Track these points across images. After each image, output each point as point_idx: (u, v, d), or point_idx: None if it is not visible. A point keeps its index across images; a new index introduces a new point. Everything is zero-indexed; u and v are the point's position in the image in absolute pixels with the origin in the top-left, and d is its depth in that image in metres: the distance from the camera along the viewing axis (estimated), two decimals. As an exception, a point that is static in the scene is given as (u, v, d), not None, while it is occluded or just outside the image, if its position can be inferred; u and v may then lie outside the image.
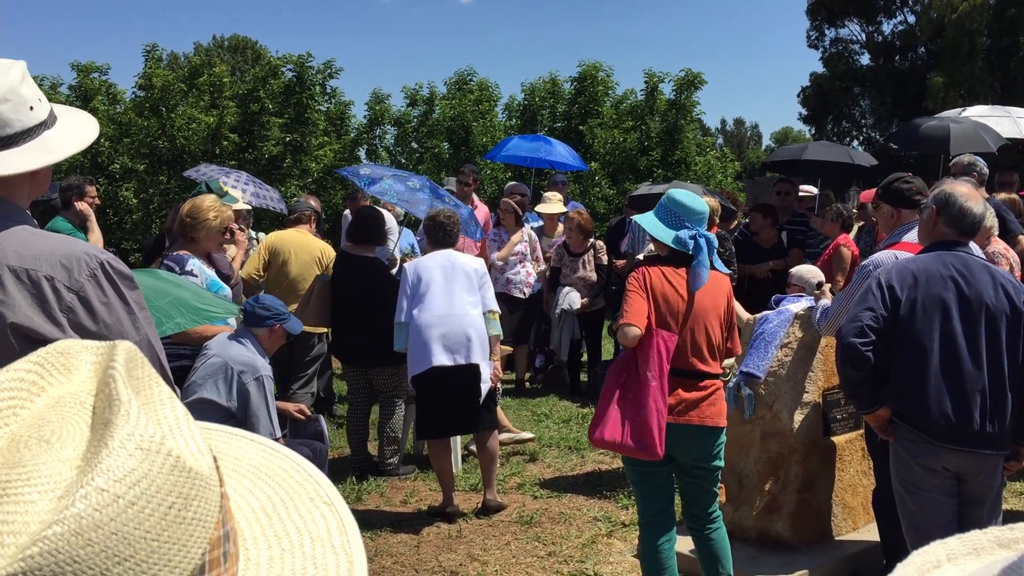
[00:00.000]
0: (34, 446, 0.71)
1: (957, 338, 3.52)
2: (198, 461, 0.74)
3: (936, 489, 3.61)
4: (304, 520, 0.89)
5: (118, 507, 0.67)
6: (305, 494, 0.91)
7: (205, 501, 0.73)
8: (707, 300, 3.93)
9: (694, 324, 3.91)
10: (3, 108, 1.89)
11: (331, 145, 15.57)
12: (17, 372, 0.78)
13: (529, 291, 8.73)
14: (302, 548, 0.86)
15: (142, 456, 0.70)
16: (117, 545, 0.67)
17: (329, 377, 8.21)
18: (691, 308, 3.91)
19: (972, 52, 28.95)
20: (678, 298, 3.90)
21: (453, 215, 5.95)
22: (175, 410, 0.77)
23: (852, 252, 7.12)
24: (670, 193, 4.05)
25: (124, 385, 0.74)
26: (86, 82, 15.32)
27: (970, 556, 0.74)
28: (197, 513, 0.72)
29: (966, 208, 3.66)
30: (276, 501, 0.90)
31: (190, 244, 5.07)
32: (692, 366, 3.91)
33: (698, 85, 16.13)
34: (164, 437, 0.72)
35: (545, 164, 11.69)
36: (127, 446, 0.70)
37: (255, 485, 0.92)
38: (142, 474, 0.69)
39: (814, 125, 37.89)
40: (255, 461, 0.95)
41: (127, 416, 0.71)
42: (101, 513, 0.67)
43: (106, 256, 2.01)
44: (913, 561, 0.75)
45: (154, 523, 0.69)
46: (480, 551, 5.06)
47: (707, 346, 3.93)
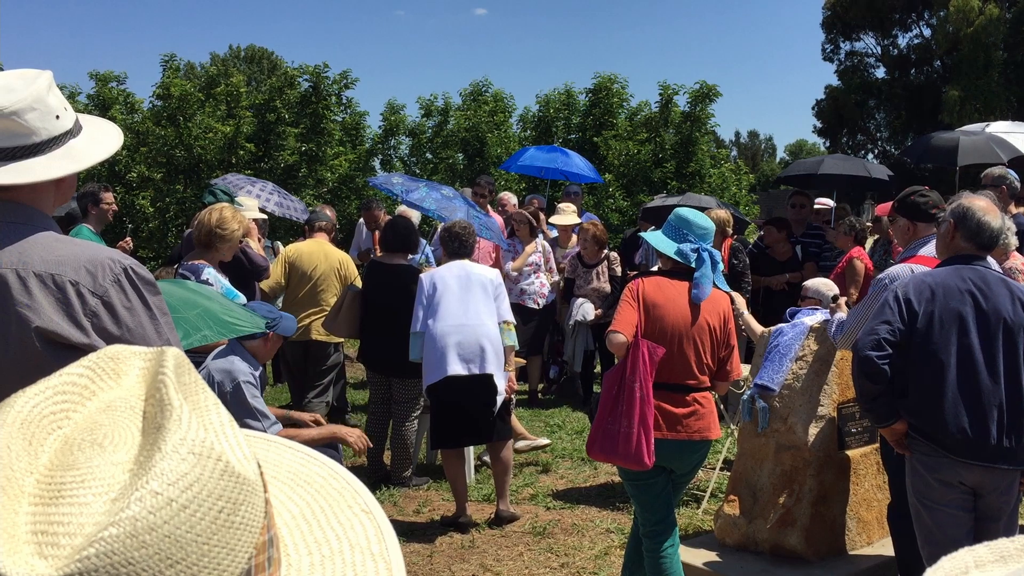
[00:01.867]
0: (87, 449, 0.72)
1: (974, 352, 3.51)
2: (245, 467, 0.75)
3: (952, 504, 3.59)
4: (343, 527, 0.90)
5: (171, 510, 0.68)
6: (343, 501, 0.92)
7: (252, 506, 0.74)
8: (700, 316, 3.95)
9: (685, 339, 3.93)
10: (30, 117, 1.92)
11: (346, 155, 15.62)
12: (69, 376, 0.79)
13: (543, 302, 8.73)
14: (342, 555, 0.87)
15: (194, 460, 0.71)
16: (170, 548, 0.68)
17: (343, 386, 8.23)
18: (684, 323, 3.93)
19: (988, 66, 28.86)
20: (671, 310, 3.93)
21: (469, 226, 5.98)
22: (220, 416, 0.78)
23: (865, 265, 7.11)
24: (676, 211, 4.13)
25: (175, 390, 0.76)
26: (104, 91, 15.43)
27: (998, 563, 0.75)
28: (245, 518, 0.73)
29: (984, 223, 3.65)
30: (315, 508, 0.91)
31: (208, 252, 5.09)
32: (680, 380, 3.94)
33: (713, 97, 16.11)
34: (214, 442, 0.73)
35: (560, 175, 11.70)
36: (180, 450, 0.71)
37: (294, 491, 0.93)
38: (194, 478, 0.70)
39: (829, 138, 37.80)
40: (293, 468, 0.96)
41: (179, 421, 0.73)
42: (155, 516, 0.68)
43: (129, 262, 2.03)
44: (942, 567, 0.75)
45: (205, 527, 0.70)
46: (493, 561, 5.06)
47: (696, 361, 3.95)
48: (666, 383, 3.92)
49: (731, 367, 4.08)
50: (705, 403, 4.00)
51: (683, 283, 3.99)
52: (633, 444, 3.84)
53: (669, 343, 3.91)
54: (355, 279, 7.29)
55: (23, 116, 1.92)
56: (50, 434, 0.75)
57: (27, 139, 1.94)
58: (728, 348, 4.04)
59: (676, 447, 3.94)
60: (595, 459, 4.14)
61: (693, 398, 3.96)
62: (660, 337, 3.91)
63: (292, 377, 7.57)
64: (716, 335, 3.99)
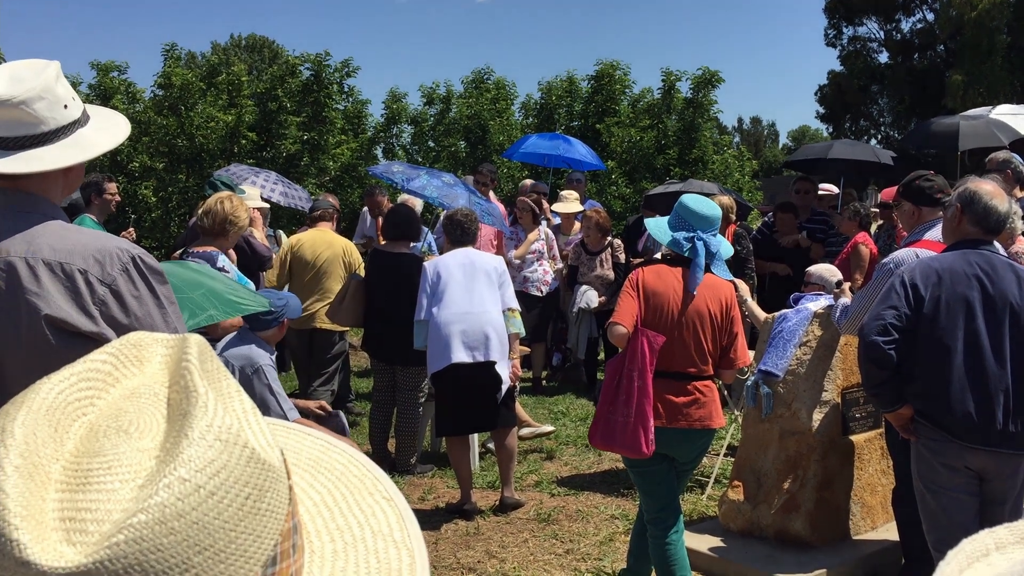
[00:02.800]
0: (113, 436, 0.72)
1: (981, 337, 3.51)
2: (269, 453, 0.75)
3: (958, 488, 3.59)
4: (365, 514, 0.90)
5: (199, 497, 0.68)
6: (364, 489, 0.92)
7: (277, 493, 0.74)
8: (700, 303, 3.92)
9: (684, 326, 3.90)
10: (38, 106, 1.93)
11: (348, 144, 15.58)
12: (93, 363, 0.79)
13: (546, 289, 8.74)
14: (364, 542, 0.87)
15: (221, 447, 0.71)
16: (198, 534, 0.68)
17: (347, 375, 8.24)
18: (683, 310, 3.90)
19: (992, 50, 28.73)
20: (670, 299, 3.91)
21: (471, 213, 5.97)
22: (243, 403, 0.78)
23: (870, 250, 7.10)
24: (681, 198, 4.10)
25: (200, 377, 0.76)
26: (106, 81, 15.38)
27: (1018, 545, 0.75)
28: (271, 504, 0.73)
29: (991, 207, 3.64)
30: (336, 495, 0.91)
31: (217, 240, 5.13)
32: (681, 368, 3.91)
33: (715, 83, 16.06)
34: (240, 429, 0.73)
35: (563, 163, 11.68)
36: (207, 437, 0.71)
37: (315, 479, 0.93)
38: (221, 465, 0.70)
39: (832, 124, 37.70)
40: (314, 455, 0.96)
41: (205, 408, 0.73)
42: (183, 502, 0.68)
43: (138, 251, 2.04)
44: (964, 549, 0.76)
45: (232, 513, 0.70)
46: (498, 548, 5.08)
47: (696, 349, 3.91)
48: (666, 371, 3.89)
49: (735, 355, 4.02)
50: (707, 392, 3.96)
51: (682, 270, 3.98)
52: (629, 434, 3.85)
53: (668, 331, 3.88)
54: (359, 266, 7.28)
55: (32, 106, 1.93)
56: (75, 421, 0.75)
57: (36, 128, 1.95)
58: (730, 336, 3.98)
59: (677, 436, 3.92)
60: (597, 447, 4.16)
61: (694, 387, 3.93)
62: (659, 325, 3.88)
63: (297, 365, 7.59)
64: (717, 321, 3.94)
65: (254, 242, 6.47)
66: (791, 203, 8.43)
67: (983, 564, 0.76)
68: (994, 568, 0.75)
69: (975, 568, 0.76)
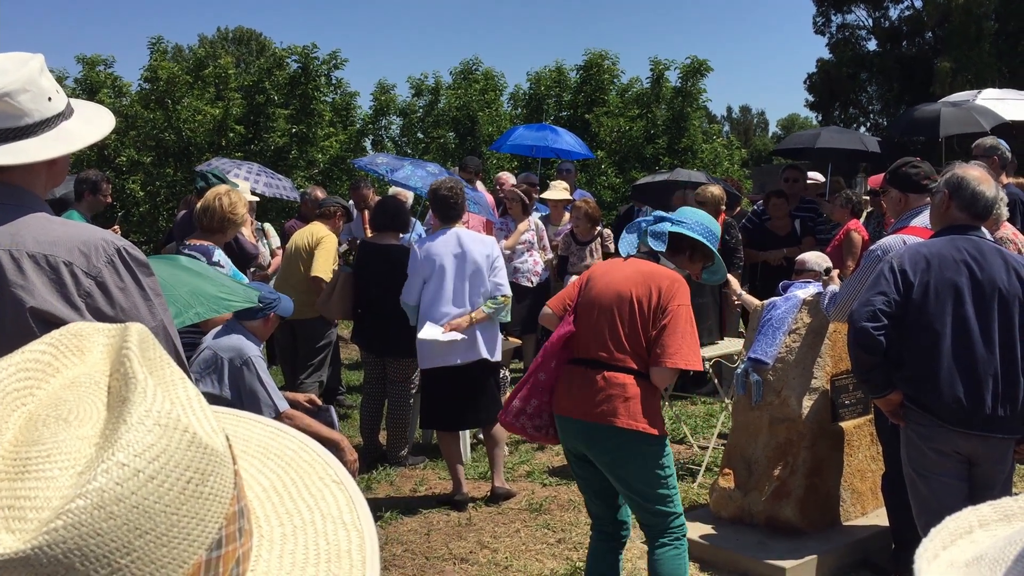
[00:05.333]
0: (52, 425, 0.72)
1: (970, 322, 3.52)
2: (213, 439, 0.75)
3: (947, 473, 3.61)
4: (315, 498, 0.90)
5: (138, 481, 0.68)
6: (314, 473, 0.93)
7: (221, 477, 0.74)
8: (622, 286, 3.59)
9: (600, 310, 3.60)
10: (22, 98, 1.92)
11: (337, 136, 15.53)
12: (32, 354, 0.79)
13: (537, 280, 8.73)
14: (314, 525, 0.88)
15: (160, 432, 0.71)
16: (138, 518, 0.68)
17: (337, 367, 8.23)
18: (604, 294, 3.61)
19: (979, 37, 28.75)
20: (600, 283, 3.67)
21: (455, 185, 5.85)
22: (187, 390, 0.78)
23: (862, 237, 7.11)
24: (680, 211, 3.88)
25: (139, 364, 0.75)
26: (92, 75, 15.31)
27: (1001, 522, 0.75)
28: (214, 488, 0.73)
29: (979, 192, 3.65)
30: (286, 480, 0.92)
31: (214, 235, 5.13)
32: (591, 355, 3.60)
33: (704, 72, 16.07)
34: (180, 414, 0.73)
35: (551, 153, 11.67)
36: (145, 422, 0.71)
37: (264, 465, 0.93)
38: (161, 449, 0.70)
39: (821, 112, 37.71)
40: (263, 442, 0.96)
41: (144, 393, 0.73)
42: (122, 487, 0.68)
43: (123, 243, 2.03)
44: (947, 526, 0.76)
45: (173, 497, 0.70)
46: (490, 538, 5.08)
47: (610, 335, 3.55)
48: (578, 358, 3.64)
49: (662, 351, 3.48)
50: (614, 384, 3.51)
51: (640, 260, 3.73)
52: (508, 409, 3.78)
53: (588, 315, 3.63)
54: (319, 246, 7.13)
55: (15, 98, 1.92)
56: (14, 411, 0.75)
57: (19, 121, 1.94)
58: (659, 328, 3.50)
59: (578, 428, 3.60)
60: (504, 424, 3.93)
61: (603, 376, 3.52)
62: (585, 309, 3.65)
63: (284, 359, 7.57)
64: (640, 308, 3.52)
65: (242, 239, 6.44)
66: (783, 190, 8.44)
67: (966, 541, 0.76)
68: (977, 545, 0.75)
69: (958, 545, 0.76)
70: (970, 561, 0.72)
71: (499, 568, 4.69)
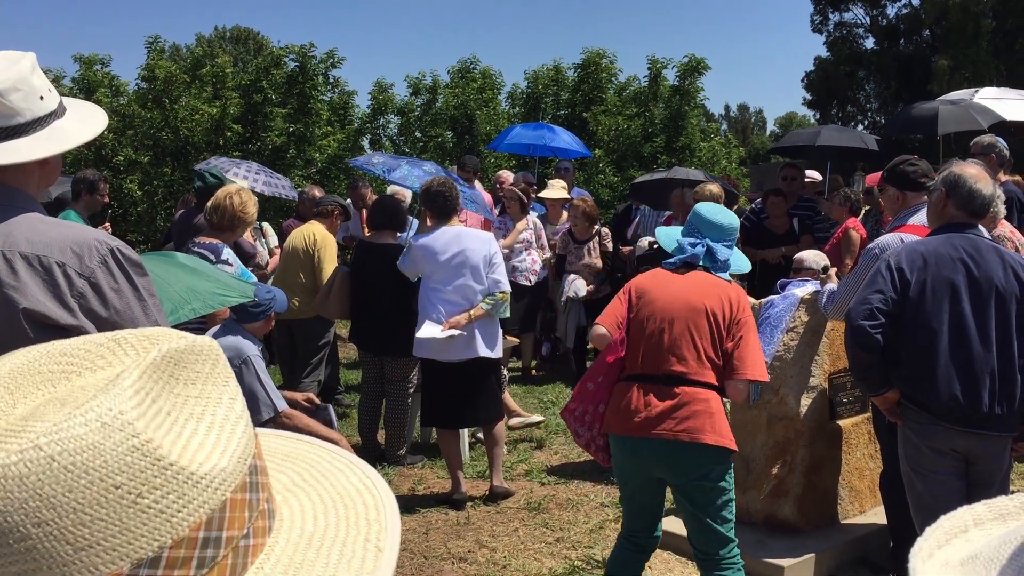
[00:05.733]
0: (51, 408, 0.72)
1: (966, 320, 3.52)
2: (192, 458, 0.73)
3: (945, 471, 3.61)
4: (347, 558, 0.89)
5: (48, 468, 0.67)
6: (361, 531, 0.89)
7: (178, 497, 0.71)
8: (695, 298, 3.48)
9: (673, 321, 3.44)
10: (14, 97, 1.91)
11: (335, 135, 15.51)
12: (87, 343, 0.80)
13: (535, 279, 8.73)
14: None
15: (97, 427, 0.69)
16: (38, 506, 0.66)
17: (336, 366, 8.22)
18: (672, 305, 3.48)
19: (977, 35, 28.74)
20: (660, 295, 3.53)
21: (447, 181, 5.84)
22: (215, 415, 0.77)
23: (861, 235, 7.12)
24: (696, 207, 3.81)
25: (140, 370, 0.74)
26: (89, 74, 15.28)
27: (996, 521, 0.75)
28: (161, 505, 0.70)
29: (976, 190, 3.65)
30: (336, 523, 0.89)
31: (222, 233, 5.21)
32: (664, 369, 3.41)
33: (702, 71, 16.05)
34: (136, 419, 0.71)
35: (549, 152, 11.67)
36: (87, 415, 0.69)
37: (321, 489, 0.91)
38: (89, 444, 0.68)
39: (819, 110, 37.72)
40: (347, 496, 0.92)
41: (108, 392, 0.71)
42: (27, 468, 0.66)
43: (116, 243, 2.02)
44: (942, 525, 0.76)
45: (90, 496, 0.68)
46: (488, 537, 5.08)
47: (687, 348, 3.40)
48: (647, 374, 3.43)
49: (741, 363, 3.40)
50: (698, 399, 3.36)
51: (684, 273, 3.61)
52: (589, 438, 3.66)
53: (654, 328, 3.46)
54: (323, 247, 7.13)
55: (7, 97, 1.91)
56: (40, 389, 0.75)
57: (11, 120, 1.92)
58: (735, 340, 3.43)
59: (657, 448, 3.37)
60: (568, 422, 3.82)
61: (682, 391, 3.36)
62: (646, 323, 3.48)
63: (282, 358, 7.56)
64: (717, 320, 3.43)
65: (240, 239, 6.43)
66: (781, 188, 8.44)
67: (961, 540, 0.76)
68: (972, 544, 0.75)
69: (953, 544, 0.76)
70: (965, 560, 0.72)
71: (497, 567, 4.69)
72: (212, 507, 0.73)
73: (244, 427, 0.78)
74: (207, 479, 0.73)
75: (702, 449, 3.33)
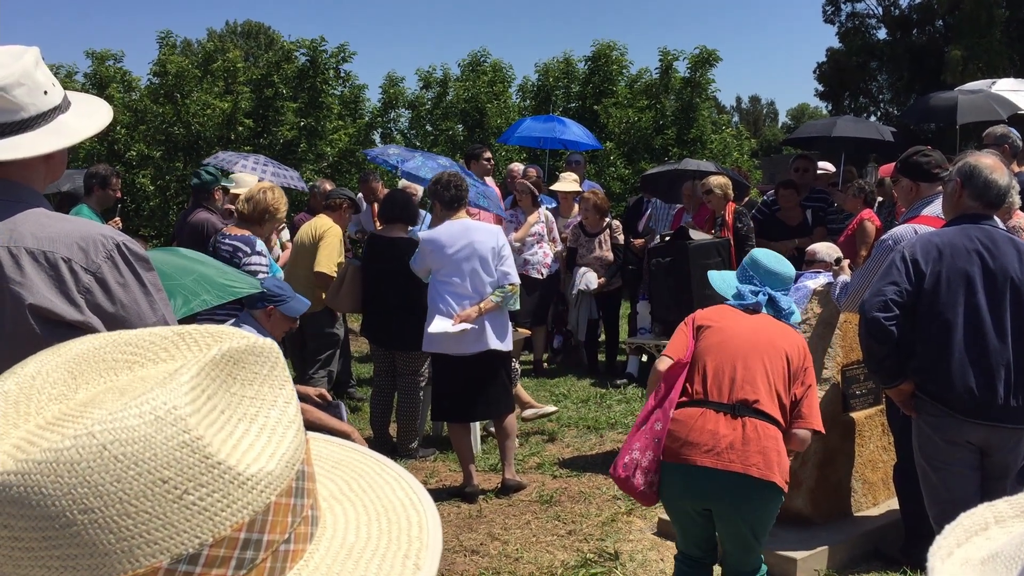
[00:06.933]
0: (112, 395, 0.74)
1: (982, 312, 3.49)
2: (241, 458, 0.73)
3: (959, 463, 3.59)
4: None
5: (99, 457, 0.68)
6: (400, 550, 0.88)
7: (223, 496, 0.72)
8: (772, 336, 3.40)
9: (749, 352, 3.32)
10: (18, 92, 1.90)
11: (346, 129, 15.52)
12: (153, 335, 0.81)
13: (547, 272, 8.71)
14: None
15: (151, 420, 0.70)
16: (86, 493, 0.67)
17: (347, 360, 8.23)
18: (745, 336, 3.38)
19: (990, 24, 28.52)
20: (731, 325, 3.43)
21: (456, 174, 5.87)
22: (268, 417, 0.77)
23: (876, 226, 7.07)
24: (752, 253, 3.73)
25: (199, 365, 0.75)
26: (101, 70, 15.36)
27: (1018, 519, 0.74)
28: (205, 503, 0.71)
29: (991, 180, 3.62)
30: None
31: (251, 226, 5.36)
32: (734, 397, 3.26)
33: (713, 62, 15.99)
34: (189, 415, 0.71)
35: (559, 144, 11.65)
36: (141, 408, 0.70)
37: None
38: (141, 436, 0.69)
39: (831, 101, 37.53)
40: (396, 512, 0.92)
41: (164, 386, 0.72)
42: (78, 454, 0.67)
43: (122, 238, 2.02)
44: (961, 523, 0.74)
45: (137, 488, 0.68)
46: (501, 530, 5.08)
47: (762, 380, 3.28)
48: (715, 401, 3.27)
49: (809, 412, 3.31)
50: (768, 435, 3.21)
51: (751, 313, 3.53)
52: (619, 470, 3.37)
53: (725, 355, 3.33)
54: (323, 236, 7.10)
55: (10, 92, 1.90)
56: (102, 376, 0.77)
57: (15, 115, 1.92)
58: (804, 387, 3.35)
59: (722, 479, 3.19)
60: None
61: (755, 425, 3.20)
62: (715, 351, 3.35)
63: (293, 353, 7.57)
64: (791, 364, 3.34)
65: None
66: (793, 180, 8.39)
67: (981, 538, 0.75)
68: (993, 542, 0.73)
69: (973, 542, 0.74)
70: (985, 559, 0.70)
71: (510, 560, 4.69)
72: (256, 509, 0.74)
73: (296, 431, 0.79)
74: (253, 481, 0.73)
75: (767, 486, 3.22)
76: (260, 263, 5.36)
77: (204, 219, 7.03)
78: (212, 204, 7.27)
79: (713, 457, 3.19)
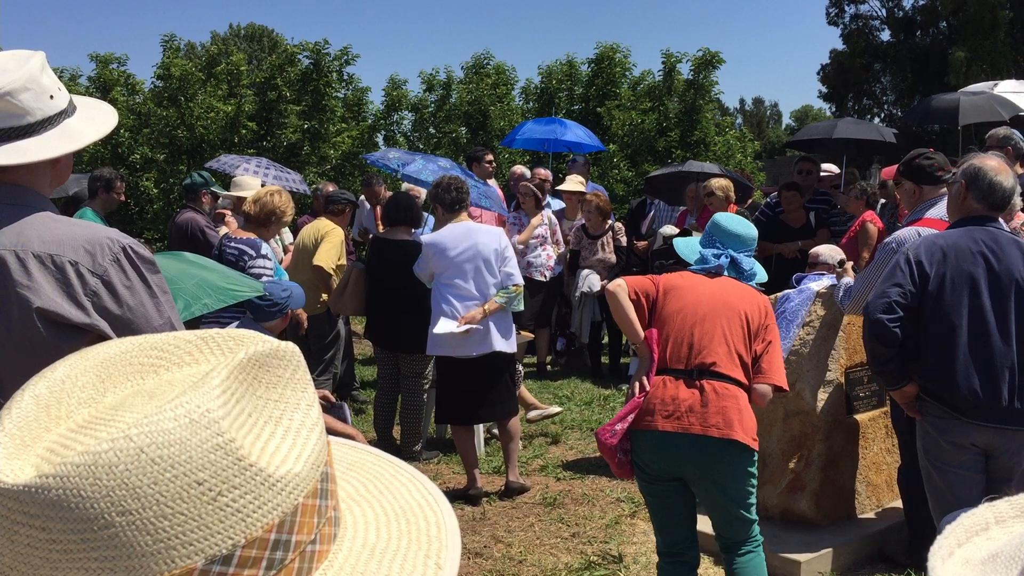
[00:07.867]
0: (141, 399, 0.75)
1: (986, 314, 3.49)
2: (270, 460, 0.74)
3: (964, 465, 3.58)
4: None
5: (137, 460, 0.68)
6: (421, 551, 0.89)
7: (255, 497, 0.73)
8: (730, 297, 3.47)
9: (706, 316, 3.39)
10: (24, 97, 1.91)
11: (349, 132, 15.55)
12: (177, 339, 0.82)
13: (550, 274, 8.72)
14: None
15: (186, 423, 0.71)
16: (124, 495, 0.68)
17: (351, 362, 8.24)
18: (704, 300, 3.44)
19: (994, 26, 28.51)
20: (690, 291, 3.49)
21: (457, 177, 5.88)
22: (292, 419, 0.78)
23: (878, 227, 7.07)
24: (714, 217, 3.80)
25: (228, 369, 0.75)
26: (105, 73, 15.39)
27: (1018, 519, 0.74)
28: (238, 504, 0.72)
29: (996, 182, 3.62)
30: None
31: (259, 229, 5.41)
32: (693, 362, 3.34)
33: (716, 64, 16.00)
34: (221, 418, 0.72)
35: (562, 146, 11.66)
36: (176, 411, 0.71)
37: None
38: (176, 438, 0.70)
39: (835, 103, 37.52)
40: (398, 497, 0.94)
41: (197, 389, 0.73)
42: (117, 457, 0.68)
43: (128, 241, 2.02)
44: (962, 523, 0.75)
45: (173, 490, 0.69)
46: (504, 533, 5.08)
47: (719, 342, 3.35)
48: (674, 368, 3.36)
49: (769, 368, 3.40)
50: (727, 395, 3.29)
51: (713, 277, 3.59)
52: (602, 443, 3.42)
53: (684, 321, 3.40)
54: (324, 238, 7.10)
55: (17, 96, 1.90)
56: (129, 380, 0.78)
57: (21, 120, 1.92)
58: (765, 343, 3.43)
59: (691, 444, 3.27)
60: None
61: (714, 387, 3.29)
62: (675, 317, 3.42)
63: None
64: (749, 321, 3.42)
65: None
66: (796, 182, 8.39)
67: (982, 538, 0.75)
68: (993, 542, 0.73)
69: (974, 542, 0.75)
70: (986, 559, 0.71)
71: (513, 562, 4.69)
72: (285, 510, 0.75)
73: (319, 434, 0.80)
74: (283, 482, 0.74)
75: (731, 445, 3.29)
76: (265, 266, 5.38)
77: (189, 219, 7.22)
78: (199, 206, 7.42)
79: (673, 421, 3.28)
